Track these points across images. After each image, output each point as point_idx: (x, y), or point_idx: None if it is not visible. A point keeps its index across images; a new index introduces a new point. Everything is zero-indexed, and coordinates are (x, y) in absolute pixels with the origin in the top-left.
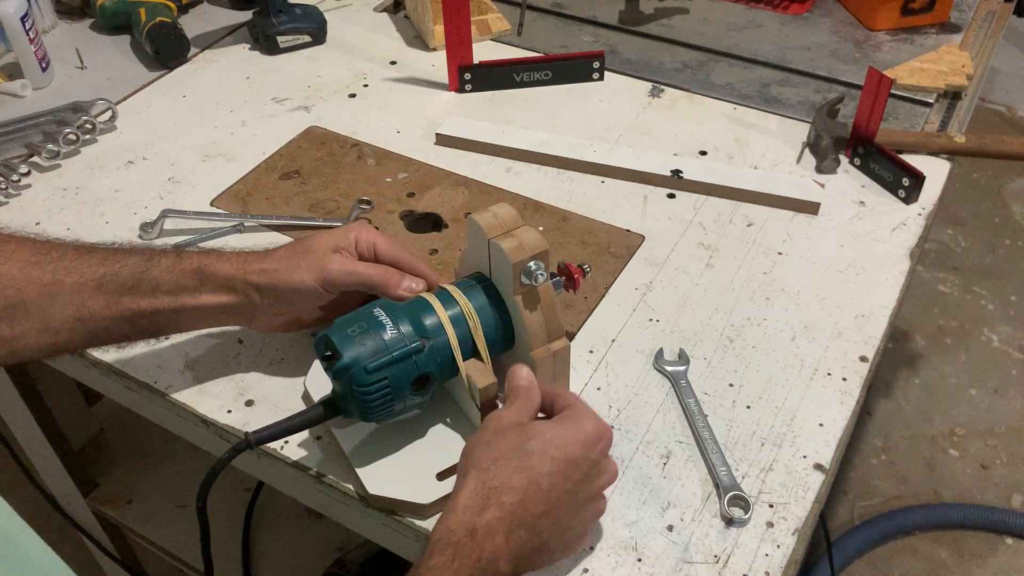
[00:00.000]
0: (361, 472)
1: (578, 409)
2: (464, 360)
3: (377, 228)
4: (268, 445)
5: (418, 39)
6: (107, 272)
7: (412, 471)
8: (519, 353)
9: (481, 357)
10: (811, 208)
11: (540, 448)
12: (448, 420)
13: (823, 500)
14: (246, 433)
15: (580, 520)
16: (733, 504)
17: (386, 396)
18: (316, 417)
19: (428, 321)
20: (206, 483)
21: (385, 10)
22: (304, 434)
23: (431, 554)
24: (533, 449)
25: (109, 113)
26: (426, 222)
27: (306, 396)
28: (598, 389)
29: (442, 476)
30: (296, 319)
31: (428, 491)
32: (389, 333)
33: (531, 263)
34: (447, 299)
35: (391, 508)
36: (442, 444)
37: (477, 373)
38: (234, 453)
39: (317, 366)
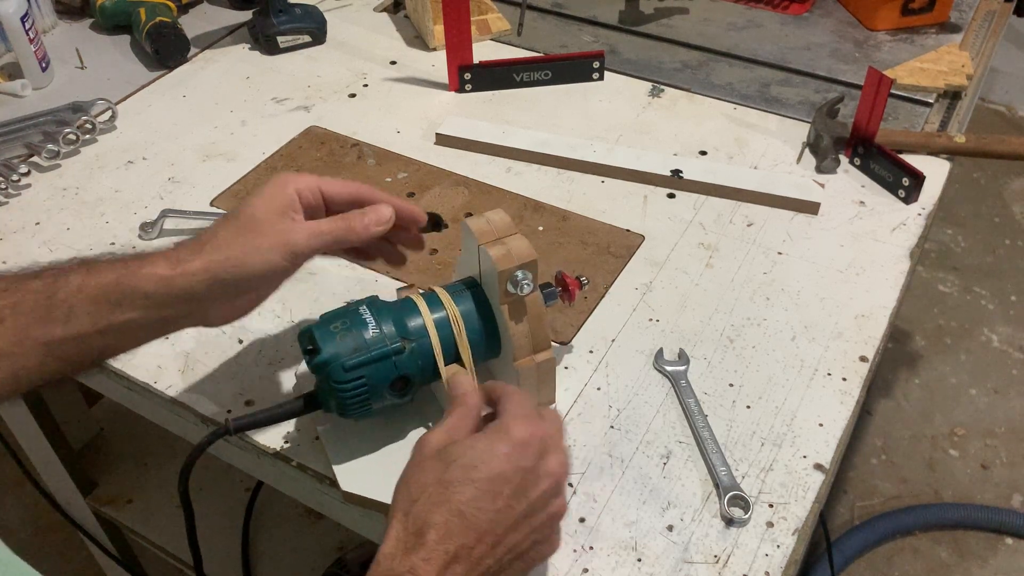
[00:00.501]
0: (337, 469)
1: (508, 415)
2: (446, 365)
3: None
4: (268, 445)
5: (418, 39)
6: (7, 304)
7: (388, 472)
8: (504, 362)
9: (464, 363)
10: (811, 208)
11: (460, 475)
12: (430, 424)
13: (823, 500)
14: (226, 419)
15: (530, 531)
16: (733, 504)
17: (363, 394)
18: (296, 409)
19: (412, 323)
20: (186, 468)
21: (385, 10)
22: (304, 434)
23: None
24: (452, 478)
25: (109, 113)
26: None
27: (297, 388)
28: (598, 389)
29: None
30: (256, 300)
31: None
32: (371, 332)
33: (518, 272)
34: (434, 302)
35: (365, 506)
36: None
37: (456, 378)
38: (213, 438)
39: None
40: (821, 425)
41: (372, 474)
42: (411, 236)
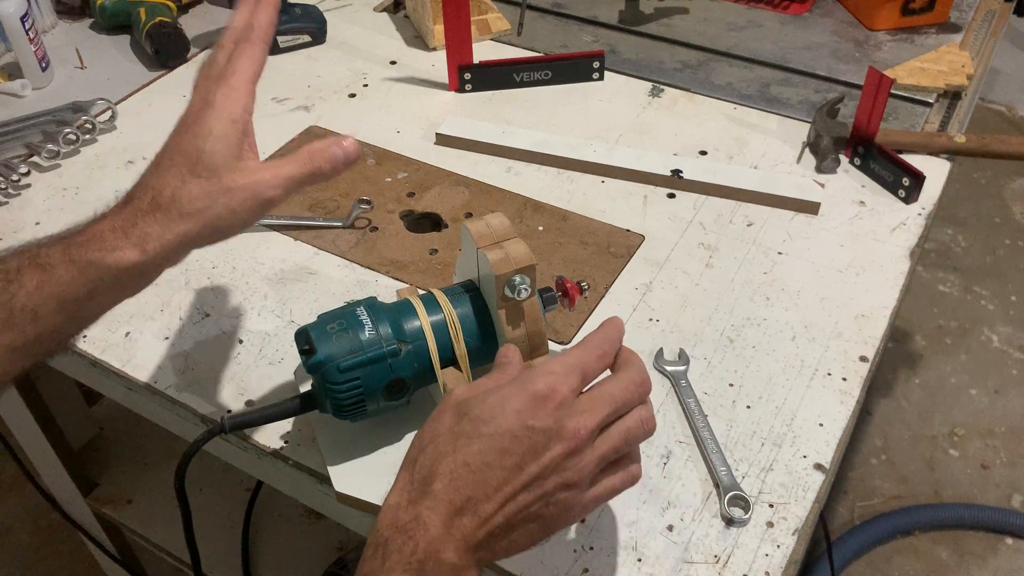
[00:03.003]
0: (332, 470)
1: (537, 368)
2: (443, 368)
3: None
4: (267, 445)
5: (418, 39)
6: None
7: (383, 474)
8: None
9: (460, 366)
10: (811, 208)
11: (470, 429)
12: None
13: (823, 500)
14: (222, 417)
15: (543, 494)
16: (733, 504)
17: (358, 396)
18: (292, 409)
19: (409, 325)
20: (181, 465)
21: (385, 10)
22: (304, 434)
23: (362, 562)
24: (462, 430)
25: (109, 113)
26: (426, 222)
27: (296, 388)
28: None
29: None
30: None
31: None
32: (367, 333)
33: (515, 277)
34: (432, 305)
35: (359, 508)
36: None
37: (454, 382)
38: (209, 436)
39: None
40: (821, 425)
41: (367, 476)
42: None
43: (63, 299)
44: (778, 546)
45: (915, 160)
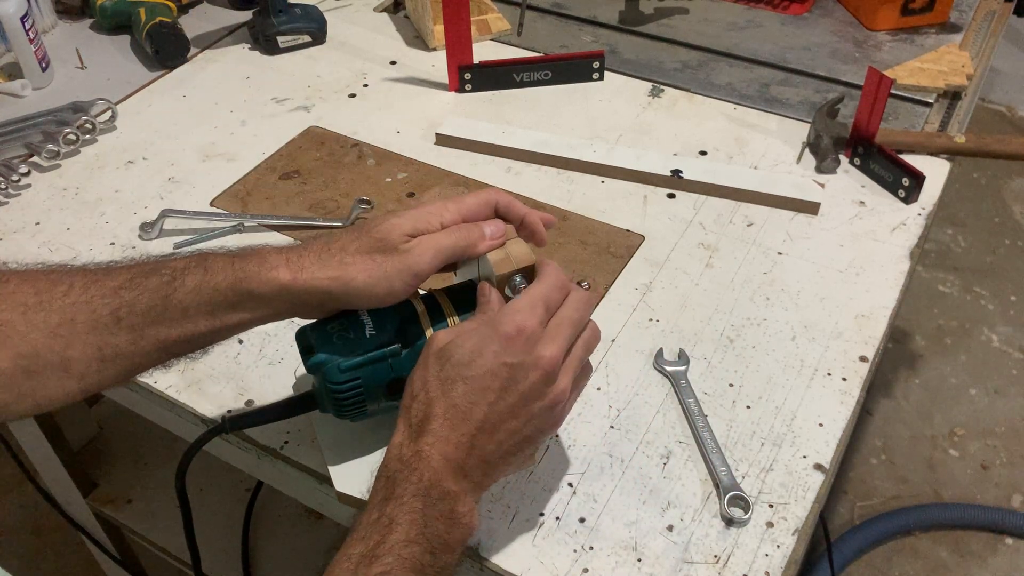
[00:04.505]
0: (333, 470)
1: (505, 309)
2: None
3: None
4: (268, 445)
5: (418, 39)
6: (123, 303)
7: None
8: None
9: None
10: (811, 208)
11: (454, 373)
12: None
13: (823, 500)
14: (223, 417)
15: (528, 418)
16: (733, 504)
17: (358, 396)
18: (292, 409)
19: (409, 325)
20: (182, 465)
21: (385, 10)
22: (304, 434)
23: (373, 493)
24: (447, 376)
25: (109, 113)
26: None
27: (296, 388)
28: (598, 389)
29: None
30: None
31: None
32: (367, 334)
33: (516, 277)
34: (433, 305)
35: (360, 508)
36: None
37: None
38: (210, 435)
39: None
40: (821, 425)
41: (368, 476)
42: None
43: (215, 303)
44: (778, 546)
45: (915, 160)
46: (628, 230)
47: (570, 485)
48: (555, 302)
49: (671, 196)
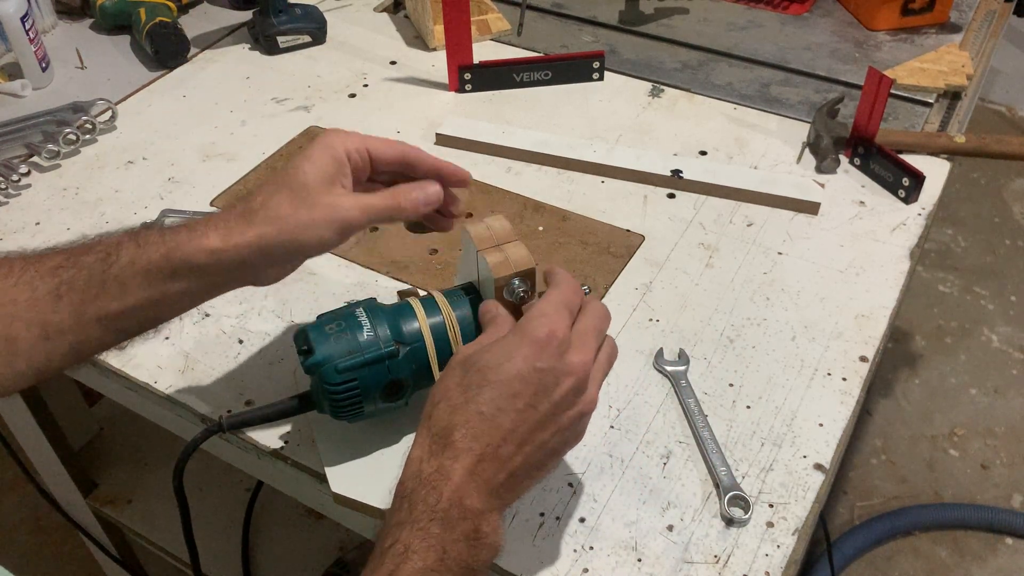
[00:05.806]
0: (329, 471)
1: (531, 313)
2: (441, 370)
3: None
4: (267, 445)
5: (418, 39)
6: (62, 281)
7: (380, 476)
8: None
9: None
10: (811, 208)
11: (478, 379)
12: None
13: (823, 500)
14: (220, 416)
15: (557, 429)
16: (733, 504)
17: (355, 397)
18: (290, 409)
19: (408, 327)
20: (179, 464)
21: (385, 10)
22: (303, 434)
23: (390, 514)
24: (471, 382)
25: (109, 113)
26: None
27: (296, 389)
28: None
29: None
30: (301, 263)
31: (391, 498)
32: (365, 335)
33: (514, 280)
34: (431, 307)
35: (356, 509)
36: None
37: None
38: (207, 434)
39: None
40: (821, 425)
41: (364, 477)
42: (455, 201)
43: (150, 275)
44: (778, 546)
45: (915, 160)
46: (628, 230)
47: (570, 485)
48: (576, 307)
49: (671, 196)
